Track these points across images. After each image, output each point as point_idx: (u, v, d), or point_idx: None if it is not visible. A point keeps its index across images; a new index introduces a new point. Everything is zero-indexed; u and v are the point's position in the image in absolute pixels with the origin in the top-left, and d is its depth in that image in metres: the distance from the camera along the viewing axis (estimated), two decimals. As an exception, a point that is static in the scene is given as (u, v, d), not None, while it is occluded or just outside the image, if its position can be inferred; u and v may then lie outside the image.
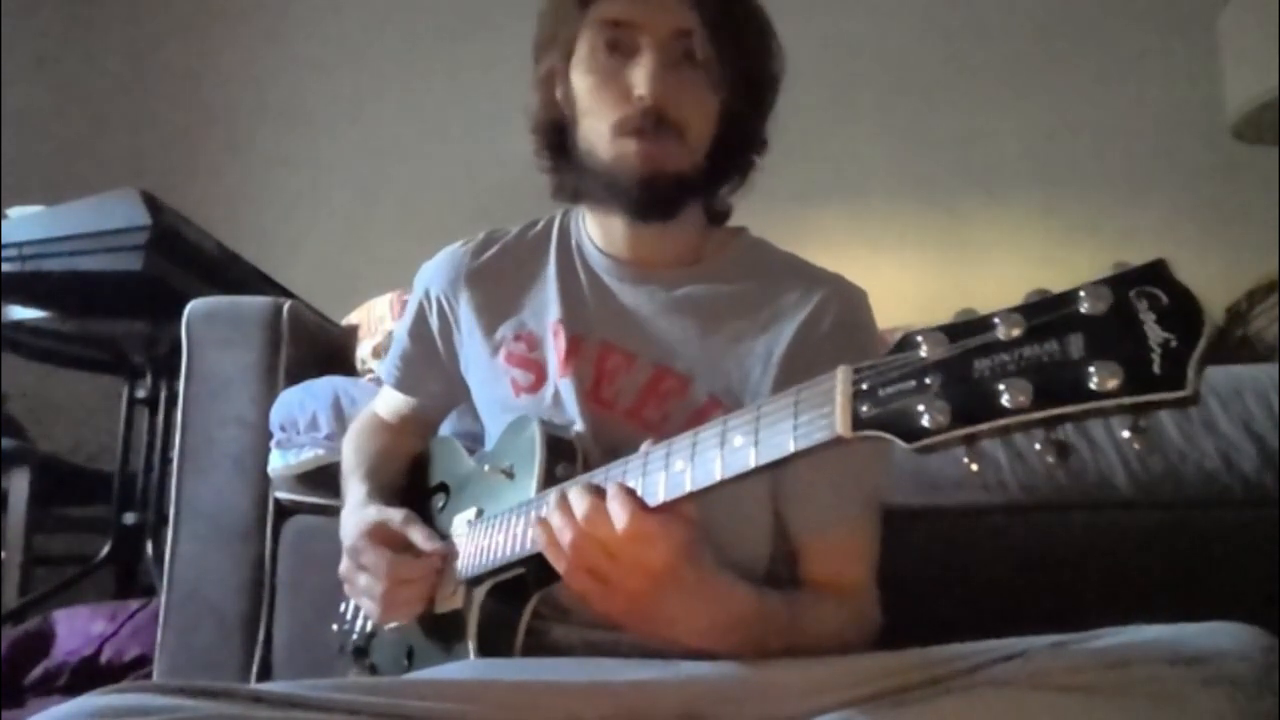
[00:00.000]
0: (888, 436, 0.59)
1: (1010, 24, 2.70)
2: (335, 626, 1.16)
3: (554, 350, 1.04)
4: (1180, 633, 0.75)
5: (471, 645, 0.93)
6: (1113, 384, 0.51)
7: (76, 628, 1.89)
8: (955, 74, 2.72)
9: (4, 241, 1.86)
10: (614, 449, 0.90)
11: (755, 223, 1.12)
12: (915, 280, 2.67)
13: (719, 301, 1.04)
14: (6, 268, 1.86)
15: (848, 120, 2.70)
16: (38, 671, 1.84)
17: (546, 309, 1.07)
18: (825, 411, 0.63)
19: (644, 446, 0.81)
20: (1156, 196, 2.55)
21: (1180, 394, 0.50)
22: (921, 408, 0.57)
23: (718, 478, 0.71)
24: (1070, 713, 0.71)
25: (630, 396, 1.01)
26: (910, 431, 0.58)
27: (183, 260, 1.91)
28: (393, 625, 1.04)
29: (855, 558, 0.99)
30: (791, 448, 0.65)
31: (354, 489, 1.10)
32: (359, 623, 1.12)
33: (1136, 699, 0.70)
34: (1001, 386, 0.54)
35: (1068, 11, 2.68)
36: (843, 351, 0.99)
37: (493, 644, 0.93)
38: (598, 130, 0.99)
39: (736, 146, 1.04)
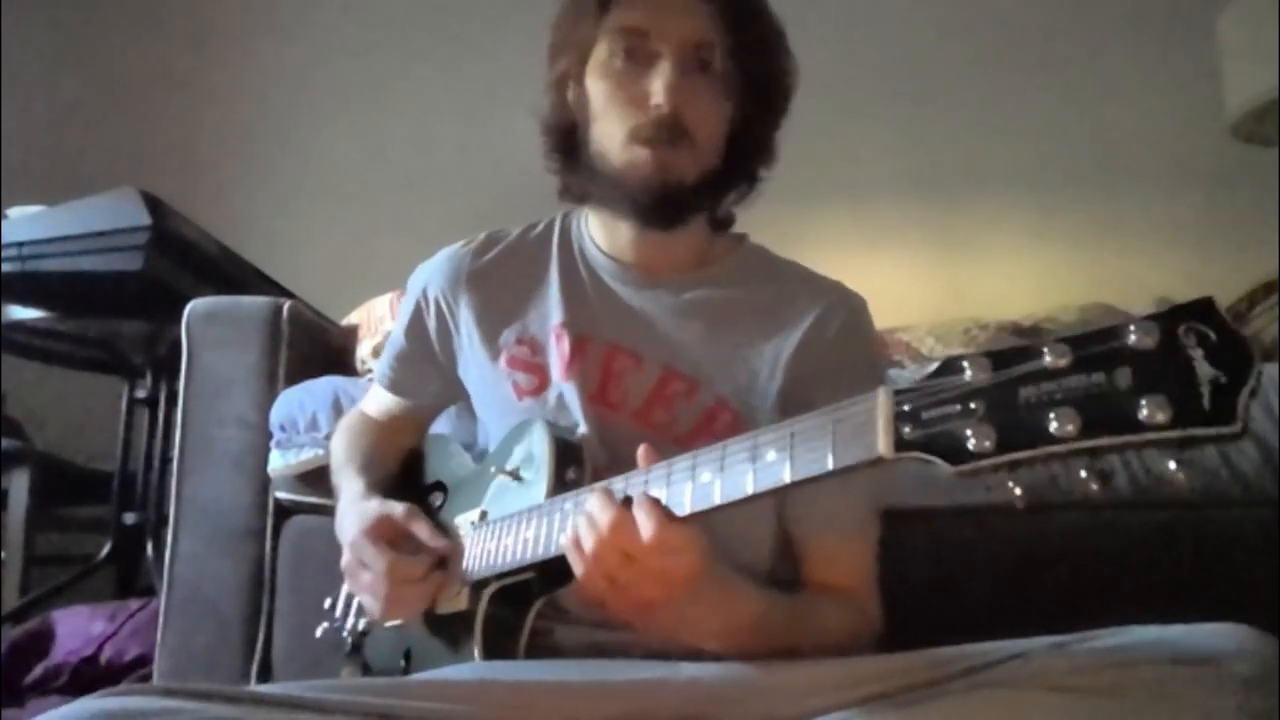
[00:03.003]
0: (931, 459, 0.59)
1: (1010, 25, 2.70)
2: (325, 624, 1.15)
3: (556, 354, 1.04)
4: (1180, 633, 0.75)
5: (478, 647, 0.92)
6: (1162, 417, 0.52)
7: (76, 628, 1.89)
8: (955, 74, 2.72)
9: (4, 241, 1.86)
10: (619, 451, 0.90)
11: (756, 223, 1.13)
12: (916, 281, 2.67)
13: (725, 306, 1.05)
14: (6, 268, 1.86)
15: (848, 121, 2.69)
16: (38, 671, 1.84)
17: (549, 313, 1.07)
18: (866, 431, 0.63)
19: (640, 451, 0.81)
20: (1156, 197, 2.56)
21: (1230, 429, 0.51)
22: (968, 432, 0.57)
23: (749, 491, 0.71)
24: (1070, 713, 0.71)
25: (638, 398, 1.01)
26: (954, 454, 0.58)
27: (183, 260, 1.91)
28: (391, 624, 1.04)
29: (857, 560, 1.00)
30: (830, 465, 0.65)
31: (350, 483, 1.09)
32: (351, 620, 1.12)
33: (1137, 700, 0.70)
34: (1051, 415, 0.55)
35: (1068, 12, 2.68)
36: (846, 358, 1.01)
37: (497, 646, 0.93)
38: (611, 136, 0.99)
39: (746, 157, 1.05)
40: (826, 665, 0.84)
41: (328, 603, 1.16)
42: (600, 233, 1.09)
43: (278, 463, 1.49)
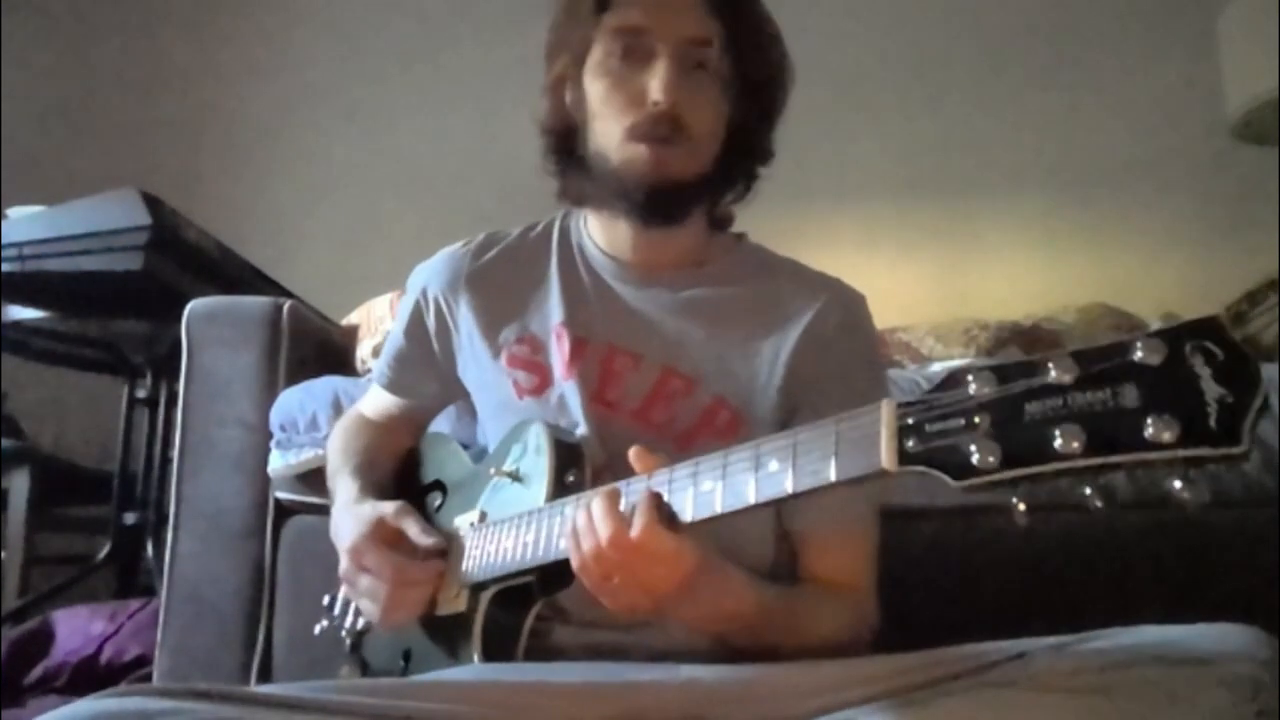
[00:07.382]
0: (934, 473, 0.59)
1: (1010, 25, 2.70)
2: (324, 622, 1.15)
3: (557, 353, 1.04)
4: (1181, 634, 0.75)
5: (476, 650, 0.92)
6: (1169, 436, 0.52)
7: (76, 628, 1.89)
8: (955, 75, 2.72)
9: (4, 241, 1.86)
10: (619, 451, 0.90)
11: (757, 224, 1.13)
12: (915, 281, 2.67)
13: (724, 304, 1.05)
14: (6, 268, 1.86)
15: (849, 121, 2.70)
16: (38, 671, 1.84)
17: (550, 312, 1.07)
18: (870, 444, 0.63)
19: (632, 453, 0.81)
20: (1157, 197, 2.56)
21: (1237, 450, 0.51)
22: (972, 447, 0.57)
23: (751, 501, 0.71)
24: (1071, 714, 0.71)
25: (637, 398, 1.01)
26: (958, 469, 0.57)
27: (183, 260, 1.91)
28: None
29: (854, 556, 1.00)
30: (833, 477, 0.65)
31: (344, 486, 1.09)
32: (349, 620, 1.12)
33: (1137, 700, 0.70)
34: (1056, 431, 0.54)
35: (1068, 12, 2.68)
36: (846, 354, 1.01)
37: (496, 648, 0.93)
38: (609, 134, 1.00)
39: (743, 155, 1.05)
40: (826, 666, 0.84)
41: (326, 599, 1.16)
42: (599, 232, 1.09)
43: (278, 463, 1.49)
